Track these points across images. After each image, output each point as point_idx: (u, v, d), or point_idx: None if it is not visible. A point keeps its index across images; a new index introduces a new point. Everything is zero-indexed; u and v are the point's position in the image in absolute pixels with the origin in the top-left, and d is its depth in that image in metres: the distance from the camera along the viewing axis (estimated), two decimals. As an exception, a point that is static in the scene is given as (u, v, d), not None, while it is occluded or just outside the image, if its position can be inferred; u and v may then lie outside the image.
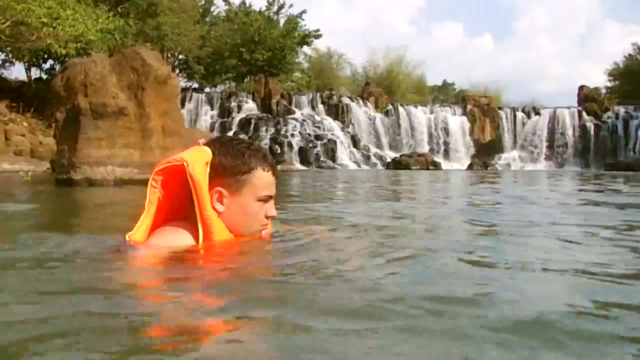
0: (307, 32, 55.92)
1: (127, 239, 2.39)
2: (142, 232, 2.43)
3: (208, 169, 2.43)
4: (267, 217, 2.64)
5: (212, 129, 42.91)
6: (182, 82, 54.10)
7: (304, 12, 55.86)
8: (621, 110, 47.90)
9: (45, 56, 39.00)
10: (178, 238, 2.41)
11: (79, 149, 11.61)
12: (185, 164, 2.39)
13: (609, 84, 61.45)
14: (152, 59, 12.50)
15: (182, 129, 13.48)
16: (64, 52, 31.57)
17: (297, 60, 57.53)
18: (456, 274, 2.18)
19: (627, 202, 7.38)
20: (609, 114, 47.87)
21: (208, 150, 2.48)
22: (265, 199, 2.60)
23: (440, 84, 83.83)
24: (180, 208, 2.54)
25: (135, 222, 2.44)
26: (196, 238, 2.40)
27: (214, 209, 2.46)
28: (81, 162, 11.58)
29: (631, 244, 3.11)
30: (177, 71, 53.24)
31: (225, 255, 2.42)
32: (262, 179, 2.58)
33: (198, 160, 2.42)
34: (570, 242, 3.09)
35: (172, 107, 12.99)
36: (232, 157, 2.53)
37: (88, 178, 11.53)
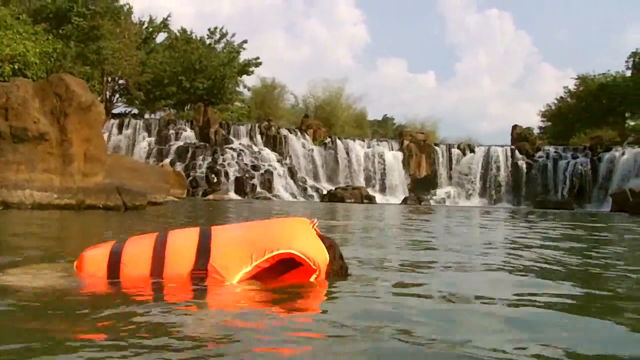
0: (247, 61, 56.27)
1: None
2: None
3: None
4: None
5: (148, 155, 42.61)
6: (122, 108, 53.77)
7: (245, 41, 56.29)
8: (551, 150, 49.48)
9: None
10: None
11: (-4, 172, 11.60)
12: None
13: (542, 124, 63.55)
14: (76, 85, 12.61)
15: (105, 155, 13.56)
16: (-2, 72, 31.13)
17: (237, 89, 57.73)
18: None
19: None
20: (540, 153, 49.31)
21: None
22: None
23: (380, 118, 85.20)
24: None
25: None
26: None
27: None
28: (-2, 185, 11.56)
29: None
30: (117, 96, 52.87)
31: None
32: None
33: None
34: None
35: (95, 133, 13.09)
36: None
37: (4, 201, 11.49)
